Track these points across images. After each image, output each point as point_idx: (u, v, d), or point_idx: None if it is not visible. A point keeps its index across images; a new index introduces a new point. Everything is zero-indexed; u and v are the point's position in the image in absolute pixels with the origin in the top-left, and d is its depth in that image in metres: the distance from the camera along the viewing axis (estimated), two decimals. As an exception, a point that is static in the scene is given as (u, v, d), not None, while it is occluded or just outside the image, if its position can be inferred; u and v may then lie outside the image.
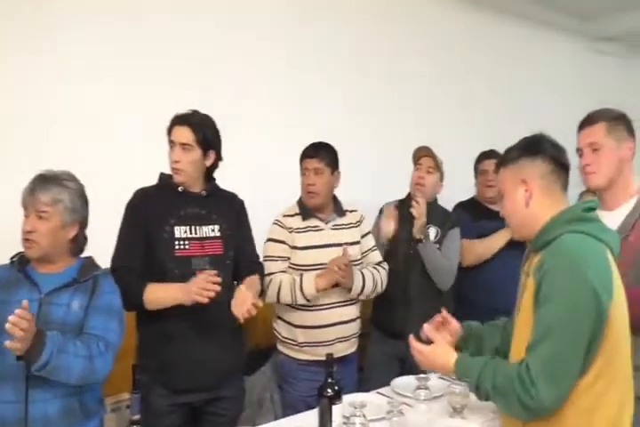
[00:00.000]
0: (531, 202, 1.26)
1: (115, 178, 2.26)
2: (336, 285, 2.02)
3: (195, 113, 1.79)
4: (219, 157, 1.84)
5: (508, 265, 1.98)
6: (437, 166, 2.36)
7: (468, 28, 3.73)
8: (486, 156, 2.56)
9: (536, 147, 1.29)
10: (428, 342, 1.38)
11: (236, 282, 1.89)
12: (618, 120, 1.61)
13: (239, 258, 1.86)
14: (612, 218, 1.57)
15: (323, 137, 2.14)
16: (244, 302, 1.68)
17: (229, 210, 1.88)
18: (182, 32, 2.60)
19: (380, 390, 1.92)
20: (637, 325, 1.36)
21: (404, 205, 2.44)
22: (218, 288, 1.60)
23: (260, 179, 2.70)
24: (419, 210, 2.29)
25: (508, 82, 3.99)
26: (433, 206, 2.42)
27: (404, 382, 1.94)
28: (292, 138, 2.60)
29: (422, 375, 1.88)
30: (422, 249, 2.29)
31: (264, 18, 2.86)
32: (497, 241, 2.40)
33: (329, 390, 1.53)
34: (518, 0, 3.92)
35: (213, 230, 1.80)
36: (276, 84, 2.89)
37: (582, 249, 1.15)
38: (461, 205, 2.66)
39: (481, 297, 2.37)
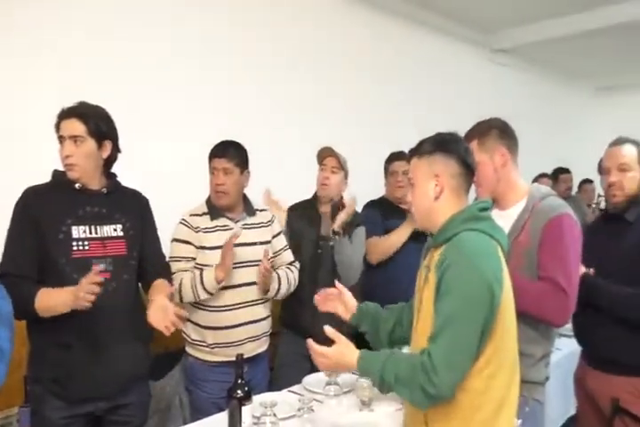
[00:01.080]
0: (441, 197, 1.32)
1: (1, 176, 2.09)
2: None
3: (82, 104, 1.68)
4: (116, 149, 1.74)
5: (411, 260, 2.08)
6: (341, 166, 2.42)
7: (376, 33, 3.87)
8: (397, 157, 2.63)
9: (452, 146, 1.33)
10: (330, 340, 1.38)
11: (140, 284, 1.81)
12: (487, 133, 1.69)
13: (145, 258, 1.78)
14: (506, 217, 1.69)
15: (227, 136, 2.10)
16: (165, 313, 1.59)
17: (133, 208, 1.79)
18: (78, 23, 2.45)
19: (291, 389, 1.93)
20: (522, 312, 1.49)
21: (310, 205, 2.47)
22: (97, 290, 1.46)
23: (166, 178, 2.61)
24: (350, 210, 2.35)
25: (414, 86, 4.18)
26: (339, 205, 2.46)
27: (315, 378, 1.97)
28: (198, 137, 2.56)
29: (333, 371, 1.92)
30: (339, 244, 2.33)
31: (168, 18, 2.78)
32: (399, 236, 2.49)
33: (239, 391, 1.51)
34: (429, 13, 4.13)
35: (115, 230, 1.70)
36: (181, 84, 2.80)
37: (478, 246, 1.23)
38: (372, 204, 2.72)
39: (388, 293, 2.44)
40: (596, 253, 1.89)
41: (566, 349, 2.40)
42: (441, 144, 1.34)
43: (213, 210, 2.06)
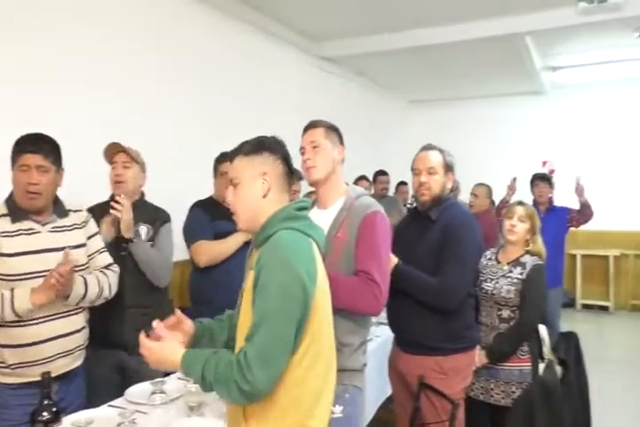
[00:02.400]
0: (268, 195, 1.35)
1: None
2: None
3: None
4: None
5: (244, 261, 2.07)
6: (134, 159, 2.30)
7: (209, 33, 3.79)
8: (225, 157, 2.54)
9: (278, 147, 1.39)
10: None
11: None
12: (332, 129, 1.86)
13: None
14: (326, 216, 1.79)
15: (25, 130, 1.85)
16: None
17: None
18: None
19: (112, 403, 1.79)
20: (340, 304, 1.59)
21: (109, 206, 2.26)
22: None
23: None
24: (120, 208, 2.16)
25: (246, 87, 4.19)
26: (141, 203, 2.33)
27: (139, 389, 1.85)
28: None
29: (158, 380, 1.82)
30: (134, 248, 2.20)
31: None
32: (232, 243, 2.44)
33: (45, 414, 1.35)
34: (261, 16, 4.17)
35: None
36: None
37: (293, 243, 1.27)
38: (199, 204, 2.63)
39: (219, 295, 2.38)
40: (406, 247, 2.11)
41: (384, 335, 2.63)
42: (267, 144, 1.38)
43: (16, 211, 1.81)
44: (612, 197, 6.07)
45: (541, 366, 2.26)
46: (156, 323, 1.35)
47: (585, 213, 4.16)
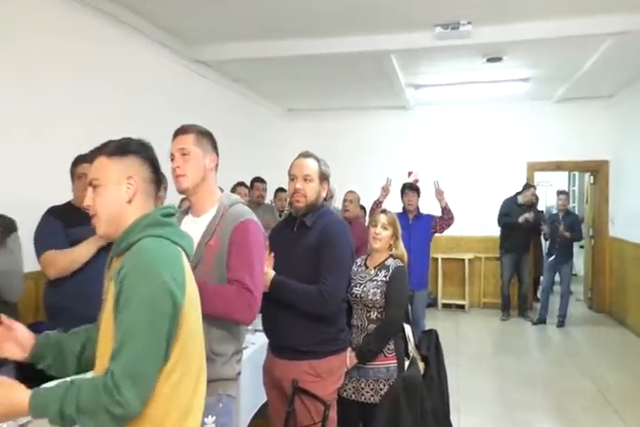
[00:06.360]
0: (134, 200, 1.28)
1: None
2: None
3: None
4: None
5: (103, 269, 1.92)
6: None
7: (76, 31, 3.51)
8: (83, 159, 2.36)
9: (146, 151, 1.33)
10: None
11: None
12: (204, 135, 1.80)
13: None
14: (200, 224, 1.76)
15: None
16: None
17: None
18: None
19: None
20: (213, 314, 1.57)
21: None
22: None
23: None
24: None
25: (114, 86, 3.94)
26: None
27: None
28: None
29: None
30: None
31: None
32: (85, 251, 2.24)
33: None
34: (130, 13, 3.95)
35: None
36: None
37: (158, 252, 1.19)
38: (54, 211, 2.38)
39: (76, 308, 2.13)
40: (281, 252, 2.13)
41: (259, 343, 2.62)
42: (133, 147, 1.32)
43: None
44: (466, 205, 6.71)
45: (406, 364, 2.43)
46: None
47: (446, 217, 4.54)
